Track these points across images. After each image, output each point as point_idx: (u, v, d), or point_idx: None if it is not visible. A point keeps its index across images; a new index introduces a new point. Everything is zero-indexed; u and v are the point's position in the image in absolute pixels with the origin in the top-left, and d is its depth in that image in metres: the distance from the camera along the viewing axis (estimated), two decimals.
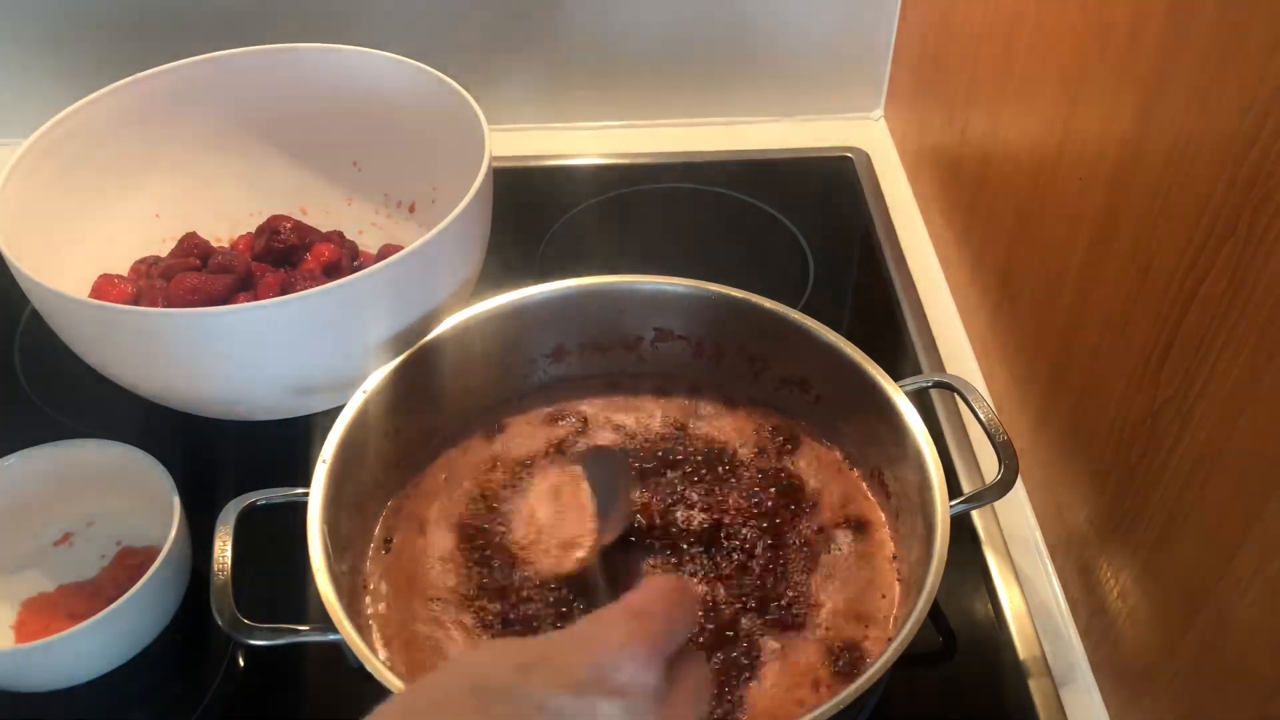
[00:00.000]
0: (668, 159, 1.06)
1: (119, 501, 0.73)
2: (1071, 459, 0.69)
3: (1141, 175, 0.59)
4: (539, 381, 0.78)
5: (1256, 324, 0.49)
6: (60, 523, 0.73)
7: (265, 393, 0.70)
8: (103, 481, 0.72)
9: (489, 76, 1.06)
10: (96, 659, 0.65)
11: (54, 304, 0.66)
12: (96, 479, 0.72)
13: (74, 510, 0.73)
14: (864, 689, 0.54)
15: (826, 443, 0.73)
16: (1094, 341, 0.66)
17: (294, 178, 0.90)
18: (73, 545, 0.73)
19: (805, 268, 0.94)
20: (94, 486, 0.72)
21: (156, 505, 0.68)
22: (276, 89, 0.87)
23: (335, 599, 0.57)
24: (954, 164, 0.91)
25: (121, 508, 0.73)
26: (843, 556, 0.67)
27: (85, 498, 0.73)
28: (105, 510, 0.73)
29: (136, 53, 0.88)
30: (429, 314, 0.71)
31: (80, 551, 0.73)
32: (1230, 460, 0.52)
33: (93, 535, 0.73)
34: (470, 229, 0.73)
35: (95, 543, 0.73)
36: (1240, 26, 0.49)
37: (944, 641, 0.68)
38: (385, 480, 0.70)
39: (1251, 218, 0.49)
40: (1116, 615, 0.64)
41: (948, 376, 0.72)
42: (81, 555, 0.72)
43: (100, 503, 0.73)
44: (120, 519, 0.73)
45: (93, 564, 0.72)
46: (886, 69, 1.10)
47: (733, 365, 0.76)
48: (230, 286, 0.78)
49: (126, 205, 0.85)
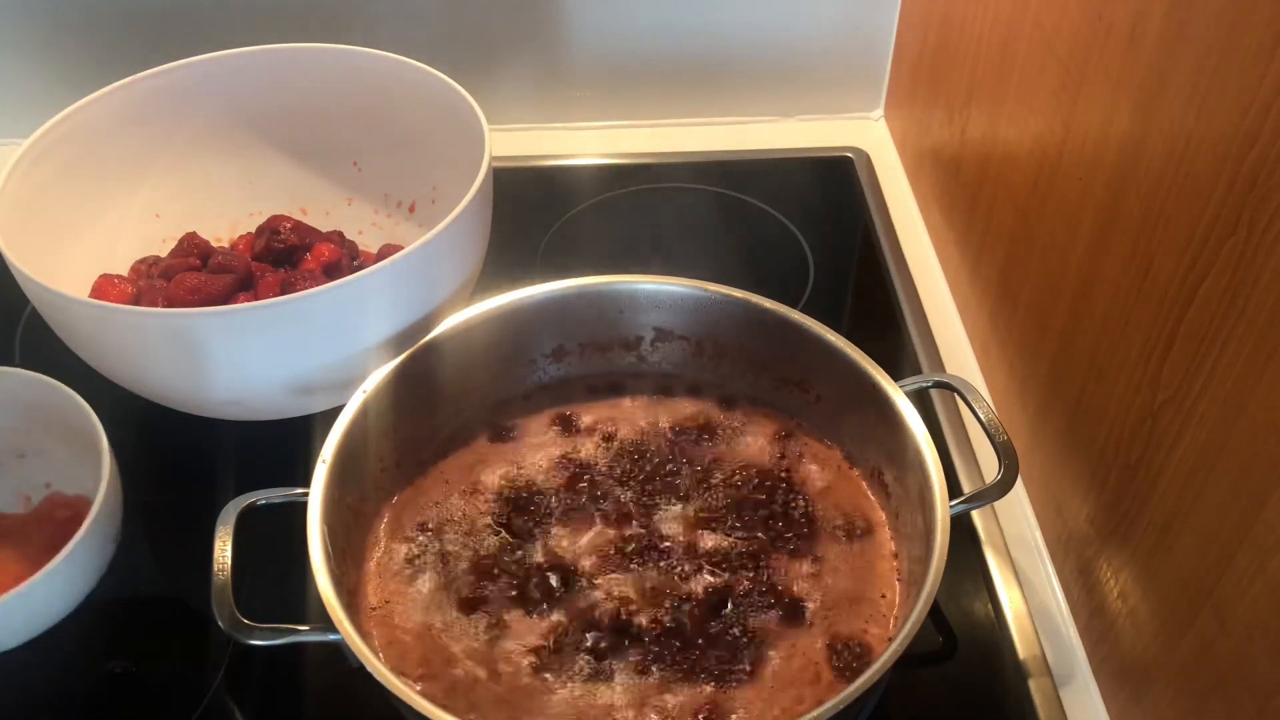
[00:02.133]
0: (668, 159, 1.06)
1: (53, 443, 0.71)
2: (1071, 459, 0.69)
3: (1141, 175, 0.59)
4: (539, 382, 0.78)
5: (1256, 324, 0.49)
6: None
7: (265, 393, 0.70)
8: (37, 418, 0.71)
9: (489, 76, 1.06)
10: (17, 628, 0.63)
11: (54, 304, 0.66)
12: (30, 414, 0.71)
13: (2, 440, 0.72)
14: (864, 689, 0.54)
15: (826, 443, 0.73)
16: (1094, 341, 0.66)
17: (294, 178, 0.90)
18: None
19: (805, 268, 0.94)
20: (28, 421, 0.71)
21: (89, 453, 0.67)
22: (276, 89, 0.87)
23: (335, 599, 0.57)
24: (954, 164, 0.91)
25: (54, 449, 0.71)
26: (843, 556, 0.67)
27: (16, 430, 0.72)
28: (37, 447, 0.72)
29: (136, 53, 0.88)
30: (429, 314, 0.71)
31: (3, 482, 0.72)
32: (1230, 460, 0.52)
33: (21, 469, 0.72)
34: (470, 229, 0.73)
35: (21, 478, 0.72)
36: (1240, 26, 0.49)
37: (944, 641, 0.68)
38: (385, 480, 0.70)
39: (1251, 217, 0.49)
40: (1116, 615, 0.64)
41: (948, 376, 0.72)
42: (3, 485, 0.72)
43: (30, 438, 0.72)
44: (52, 459, 0.72)
45: (10, 499, 0.71)
46: (886, 69, 1.10)
47: (733, 365, 0.76)
48: (230, 286, 0.78)
49: (126, 205, 0.85)
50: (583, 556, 0.67)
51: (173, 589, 0.67)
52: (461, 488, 0.71)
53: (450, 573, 0.66)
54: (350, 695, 0.63)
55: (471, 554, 0.67)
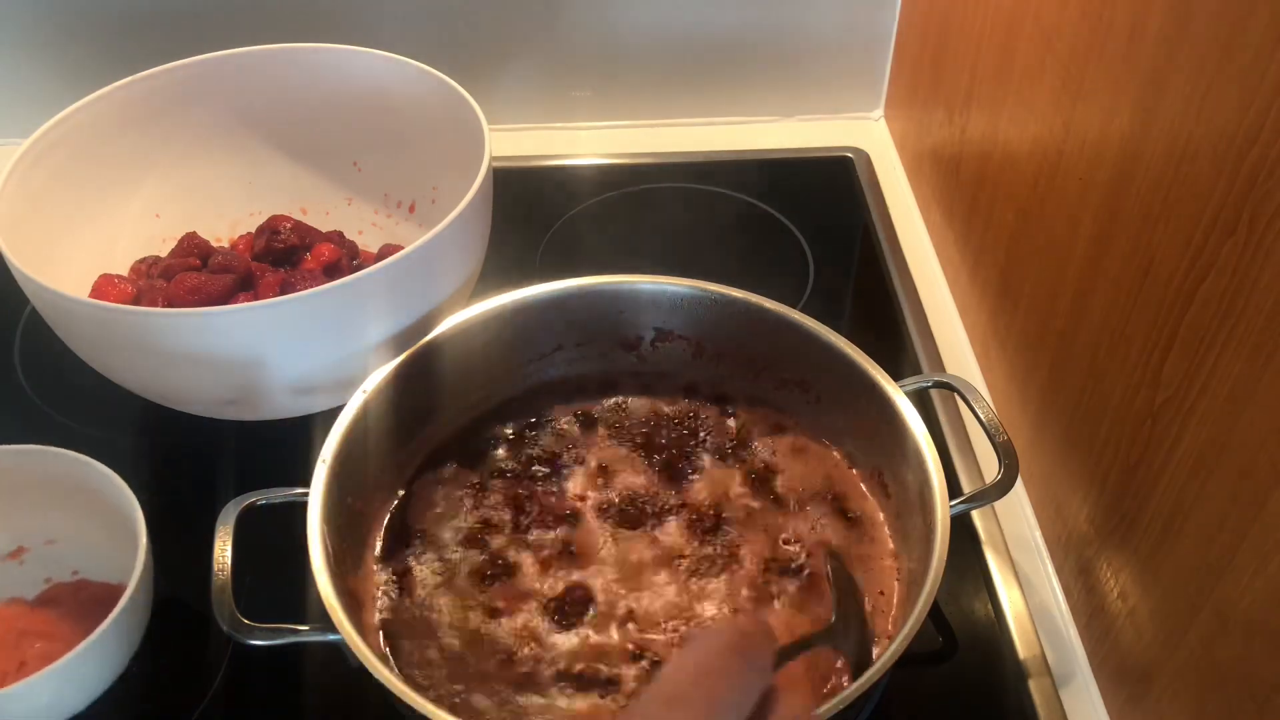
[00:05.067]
0: (668, 159, 1.06)
1: (82, 524, 0.66)
2: (1071, 459, 0.69)
3: (1141, 175, 0.59)
4: (539, 381, 0.78)
5: (1256, 324, 0.49)
6: (14, 534, 0.66)
7: (265, 393, 0.70)
8: (66, 497, 0.65)
9: (489, 76, 1.06)
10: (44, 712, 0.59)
11: (54, 304, 0.66)
12: (59, 493, 0.65)
13: (32, 523, 0.66)
14: (864, 689, 0.54)
15: (826, 443, 0.73)
16: (1094, 341, 0.66)
17: (294, 178, 0.90)
18: (23, 564, 0.66)
19: (805, 268, 0.94)
20: (57, 501, 0.66)
21: (121, 533, 0.62)
22: (276, 89, 0.87)
23: (335, 599, 0.57)
24: (954, 164, 0.91)
25: (84, 531, 0.66)
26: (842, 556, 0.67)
27: (46, 512, 0.66)
28: (67, 531, 0.66)
29: (136, 53, 0.88)
30: (429, 314, 0.71)
31: (31, 571, 0.66)
32: (1230, 460, 0.52)
33: (49, 556, 0.66)
34: (470, 229, 0.73)
35: (49, 565, 0.66)
36: (1240, 25, 0.49)
37: (944, 641, 0.68)
38: (385, 480, 0.70)
39: (1251, 217, 0.49)
40: (1116, 615, 0.64)
41: (948, 376, 0.72)
42: (32, 576, 0.66)
43: (62, 521, 0.66)
44: (81, 542, 0.66)
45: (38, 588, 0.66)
46: (886, 69, 1.10)
47: (733, 365, 0.76)
48: (230, 286, 0.78)
49: (126, 205, 0.85)
50: (581, 555, 0.67)
51: (173, 589, 0.67)
52: (462, 487, 0.71)
53: (451, 572, 0.66)
54: (350, 695, 0.63)
55: (472, 554, 0.67)
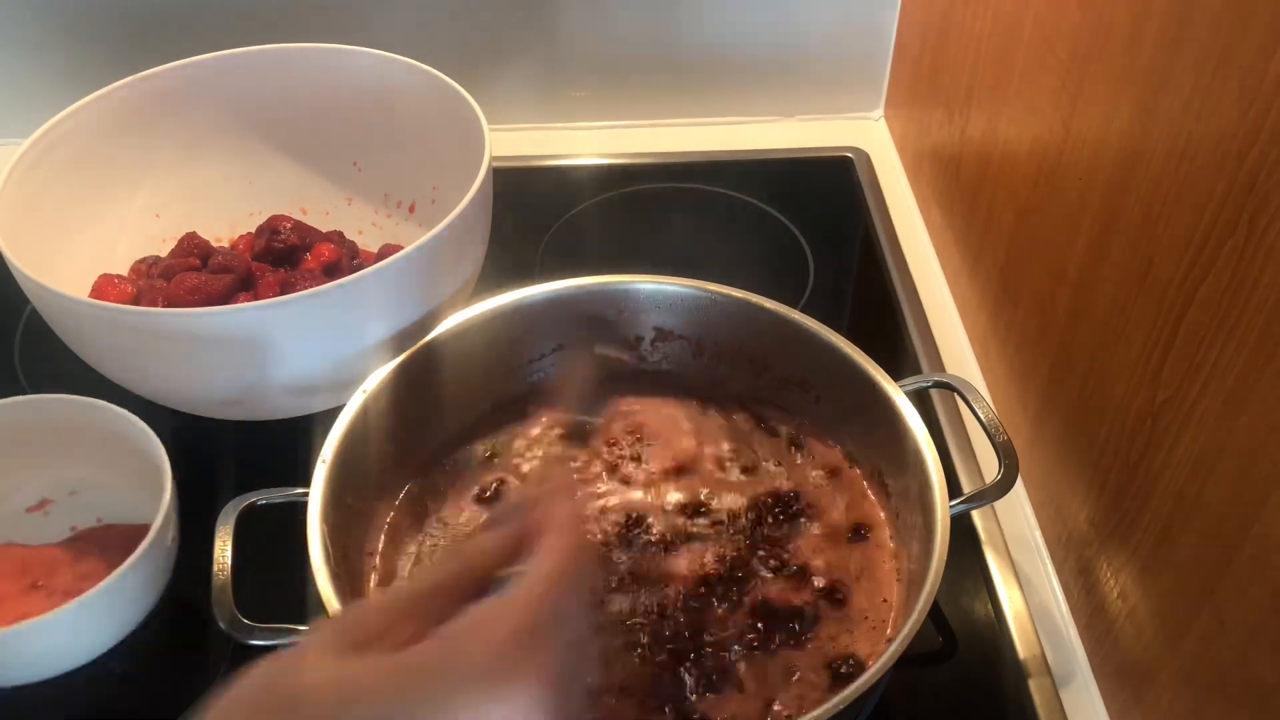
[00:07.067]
0: (668, 159, 1.06)
1: (105, 472, 0.67)
2: (1071, 459, 0.69)
3: (1141, 175, 0.59)
4: (539, 381, 0.78)
5: (1256, 324, 0.49)
6: (38, 486, 0.67)
7: (265, 393, 0.70)
8: (88, 447, 0.66)
9: (489, 76, 1.06)
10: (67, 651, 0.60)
11: (54, 304, 0.66)
12: (81, 443, 0.66)
13: (55, 475, 0.67)
14: (864, 689, 0.54)
15: (827, 443, 0.73)
16: (1094, 341, 0.66)
17: (294, 178, 0.90)
18: (48, 515, 0.67)
19: (805, 268, 0.94)
20: (80, 450, 0.67)
21: (147, 480, 0.63)
22: (276, 89, 0.87)
23: (335, 599, 0.57)
24: (954, 164, 0.91)
25: (108, 479, 0.67)
26: (842, 556, 0.67)
27: (69, 462, 0.67)
28: (90, 480, 0.67)
29: (136, 53, 0.88)
30: (429, 314, 0.71)
31: (56, 522, 0.67)
32: (1230, 460, 0.52)
33: (74, 505, 0.67)
34: (470, 229, 0.73)
35: (75, 514, 0.67)
36: (1240, 25, 0.49)
37: (944, 641, 0.68)
38: (385, 480, 0.70)
39: (1251, 218, 0.49)
40: (1116, 615, 0.64)
41: (948, 376, 0.72)
42: (58, 526, 0.67)
43: (85, 470, 0.67)
44: (105, 491, 0.67)
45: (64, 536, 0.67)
46: (886, 69, 1.10)
47: (733, 365, 0.76)
48: (230, 286, 0.78)
49: (126, 205, 0.85)
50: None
51: (173, 589, 0.67)
52: (462, 488, 0.71)
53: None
54: None
55: None
